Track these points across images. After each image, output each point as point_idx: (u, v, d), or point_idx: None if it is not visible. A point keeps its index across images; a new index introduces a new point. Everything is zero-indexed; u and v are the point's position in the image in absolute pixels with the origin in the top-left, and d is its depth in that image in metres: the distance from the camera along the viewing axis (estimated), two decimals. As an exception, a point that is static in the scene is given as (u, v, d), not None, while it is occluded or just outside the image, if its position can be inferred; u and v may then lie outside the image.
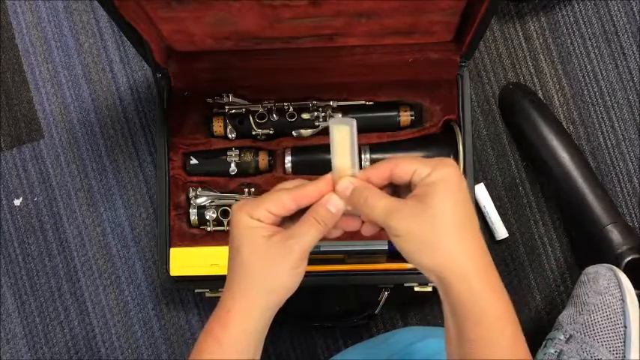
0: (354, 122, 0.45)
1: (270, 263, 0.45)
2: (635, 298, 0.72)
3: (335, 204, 0.46)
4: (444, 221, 0.43)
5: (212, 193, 0.76)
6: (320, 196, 0.47)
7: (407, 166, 0.45)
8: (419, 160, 0.45)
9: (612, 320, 0.70)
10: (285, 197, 0.46)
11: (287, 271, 0.46)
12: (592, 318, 0.71)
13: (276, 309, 0.48)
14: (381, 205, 0.45)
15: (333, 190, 0.47)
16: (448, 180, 0.44)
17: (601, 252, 0.78)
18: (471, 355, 0.43)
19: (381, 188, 0.47)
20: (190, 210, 0.75)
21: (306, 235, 0.45)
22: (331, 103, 0.76)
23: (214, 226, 0.75)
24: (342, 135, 0.45)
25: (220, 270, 0.74)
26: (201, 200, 0.75)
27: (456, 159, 0.72)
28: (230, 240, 0.48)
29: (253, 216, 0.46)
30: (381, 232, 0.47)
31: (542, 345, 0.75)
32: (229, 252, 0.48)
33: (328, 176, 0.47)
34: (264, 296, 0.46)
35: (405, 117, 0.76)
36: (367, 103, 0.77)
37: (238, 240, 0.46)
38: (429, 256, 0.43)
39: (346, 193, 0.46)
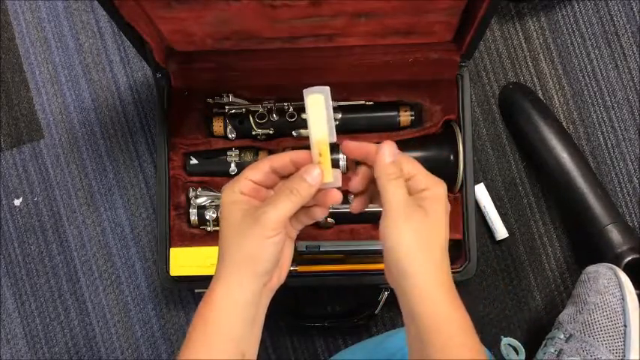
0: (328, 89, 0.47)
1: (243, 233, 0.46)
2: (636, 298, 0.72)
3: (312, 174, 0.47)
4: (439, 233, 0.46)
5: (212, 193, 0.76)
6: (295, 162, 0.48)
7: (412, 167, 0.48)
8: (420, 169, 0.48)
9: (612, 319, 0.70)
10: (261, 163, 0.49)
11: (259, 240, 0.45)
12: (592, 317, 0.71)
13: (261, 287, 0.47)
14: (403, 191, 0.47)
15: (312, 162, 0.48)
16: (444, 199, 0.47)
17: (601, 252, 0.78)
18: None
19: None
20: (190, 210, 0.75)
21: (278, 203, 0.46)
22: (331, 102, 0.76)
23: (214, 226, 0.75)
24: (317, 103, 0.47)
25: (220, 270, 0.74)
26: (201, 200, 0.75)
27: (456, 159, 0.72)
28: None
29: (235, 189, 0.47)
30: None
31: (543, 344, 0.75)
32: None
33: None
34: (241, 268, 0.46)
35: (405, 117, 0.76)
36: (367, 103, 0.77)
37: (221, 217, 0.48)
38: (410, 257, 0.45)
39: (390, 154, 0.47)
